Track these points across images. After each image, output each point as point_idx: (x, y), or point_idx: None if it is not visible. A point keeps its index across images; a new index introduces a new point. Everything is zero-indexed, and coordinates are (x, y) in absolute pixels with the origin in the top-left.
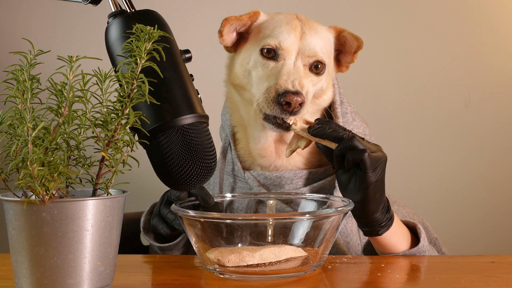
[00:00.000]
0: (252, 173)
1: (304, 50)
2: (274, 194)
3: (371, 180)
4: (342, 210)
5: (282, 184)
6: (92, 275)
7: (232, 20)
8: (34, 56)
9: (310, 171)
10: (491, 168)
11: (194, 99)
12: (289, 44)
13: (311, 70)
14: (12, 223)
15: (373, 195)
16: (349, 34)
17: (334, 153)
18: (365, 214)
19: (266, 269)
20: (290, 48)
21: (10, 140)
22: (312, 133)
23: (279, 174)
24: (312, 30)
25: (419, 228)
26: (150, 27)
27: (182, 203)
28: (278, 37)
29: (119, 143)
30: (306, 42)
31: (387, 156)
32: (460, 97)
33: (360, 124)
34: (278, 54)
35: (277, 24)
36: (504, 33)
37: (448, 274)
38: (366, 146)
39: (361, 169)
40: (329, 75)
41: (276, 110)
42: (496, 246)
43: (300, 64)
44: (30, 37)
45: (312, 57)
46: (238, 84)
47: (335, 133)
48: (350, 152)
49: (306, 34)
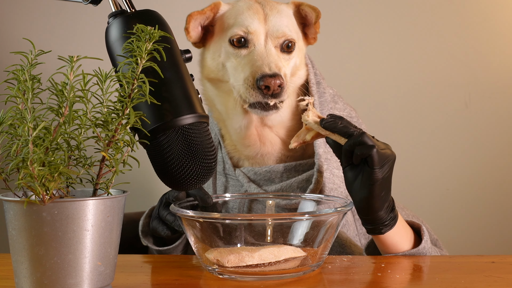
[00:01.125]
0: (242, 170)
1: (272, 31)
2: (272, 194)
3: (378, 176)
4: (341, 210)
5: (272, 178)
6: (92, 275)
7: (196, 15)
8: (35, 56)
9: (299, 162)
10: (491, 168)
11: (194, 99)
12: (255, 28)
13: (283, 50)
14: (12, 223)
15: (379, 192)
16: (306, 6)
17: (343, 148)
18: (369, 211)
19: (265, 270)
20: (258, 32)
21: (10, 140)
22: (324, 125)
23: (268, 168)
24: (274, 10)
25: (423, 230)
26: (150, 27)
27: (180, 203)
28: (244, 24)
29: (120, 143)
30: (272, 24)
31: (395, 155)
32: (460, 97)
33: (344, 107)
34: (248, 40)
35: (239, 12)
36: (504, 33)
37: (448, 274)
38: (375, 143)
39: (369, 165)
40: (300, 50)
41: (257, 96)
42: (496, 246)
43: (271, 47)
44: (30, 37)
45: (281, 37)
46: (214, 77)
47: (346, 128)
48: (359, 147)
49: (269, 16)
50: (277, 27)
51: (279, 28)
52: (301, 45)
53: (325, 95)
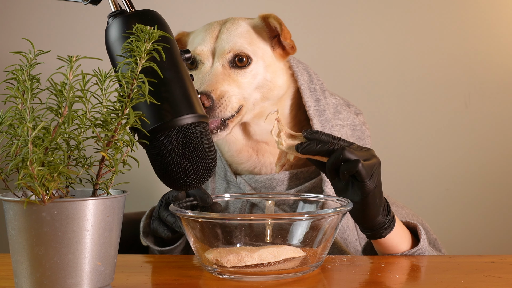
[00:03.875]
0: (243, 178)
1: (219, 49)
2: (272, 195)
3: (370, 188)
4: (341, 210)
5: (274, 186)
6: (92, 275)
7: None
8: (34, 56)
9: (300, 170)
10: (491, 168)
11: (194, 99)
12: (202, 48)
13: (235, 66)
14: (12, 223)
15: (373, 201)
16: (271, 17)
17: (327, 167)
18: (367, 220)
19: (265, 270)
20: (204, 51)
21: (10, 140)
22: (301, 152)
23: (270, 176)
24: (232, 26)
25: (420, 229)
26: (150, 27)
27: (180, 203)
28: (194, 45)
29: (119, 143)
30: (220, 41)
31: (380, 159)
32: (460, 97)
33: (347, 116)
34: (197, 60)
35: (196, 34)
36: (504, 33)
37: (448, 274)
38: (358, 156)
39: (358, 179)
40: (268, 64)
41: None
42: (496, 246)
43: (218, 65)
44: (30, 37)
45: (229, 53)
46: None
47: (324, 147)
48: (344, 166)
49: (223, 33)
50: (224, 44)
51: (225, 44)
52: (268, 58)
53: (325, 113)
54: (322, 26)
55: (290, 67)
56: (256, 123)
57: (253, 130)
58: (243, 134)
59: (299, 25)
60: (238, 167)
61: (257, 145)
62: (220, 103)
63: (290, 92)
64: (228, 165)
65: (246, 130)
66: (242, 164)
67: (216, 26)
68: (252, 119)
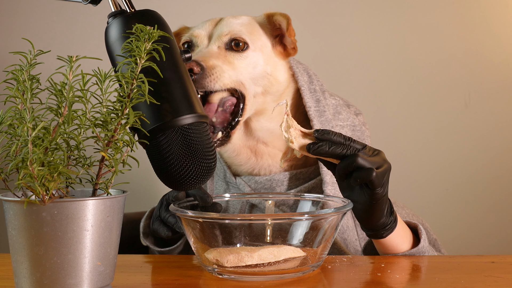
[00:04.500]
0: (243, 179)
1: (217, 33)
2: (272, 195)
3: (380, 195)
4: (341, 210)
5: (273, 187)
6: (92, 275)
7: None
8: (34, 56)
9: (300, 171)
10: (491, 168)
11: (194, 99)
12: (200, 31)
13: (231, 48)
14: (12, 223)
15: (380, 206)
16: (277, 15)
17: (337, 170)
18: (371, 222)
19: (265, 270)
20: (201, 34)
21: (10, 140)
22: (312, 153)
23: (269, 177)
24: (234, 17)
25: (420, 229)
26: (150, 27)
27: (180, 204)
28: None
29: (119, 143)
30: (220, 26)
31: (390, 163)
32: (460, 97)
33: (347, 117)
34: (193, 43)
35: (196, 26)
36: (504, 33)
37: (448, 274)
38: (371, 163)
39: (369, 187)
40: (268, 57)
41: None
42: (496, 246)
43: (214, 46)
44: (30, 37)
45: (226, 35)
46: None
47: (337, 150)
48: (357, 173)
49: (223, 20)
50: (223, 28)
51: (224, 28)
52: (267, 51)
53: (325, 114)
54: (322, 27)
55: (291, 68)
56: (257, 119)
57: (254, 126)
58: (243, 132)
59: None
60: (237, 169)
61: (256, 146)
62: (211, 73)
63: (289, 92)
64: (228, 166)
65: (246, 127)
66: (241, 165)
67: (217, 18)
68: (253, 115)
